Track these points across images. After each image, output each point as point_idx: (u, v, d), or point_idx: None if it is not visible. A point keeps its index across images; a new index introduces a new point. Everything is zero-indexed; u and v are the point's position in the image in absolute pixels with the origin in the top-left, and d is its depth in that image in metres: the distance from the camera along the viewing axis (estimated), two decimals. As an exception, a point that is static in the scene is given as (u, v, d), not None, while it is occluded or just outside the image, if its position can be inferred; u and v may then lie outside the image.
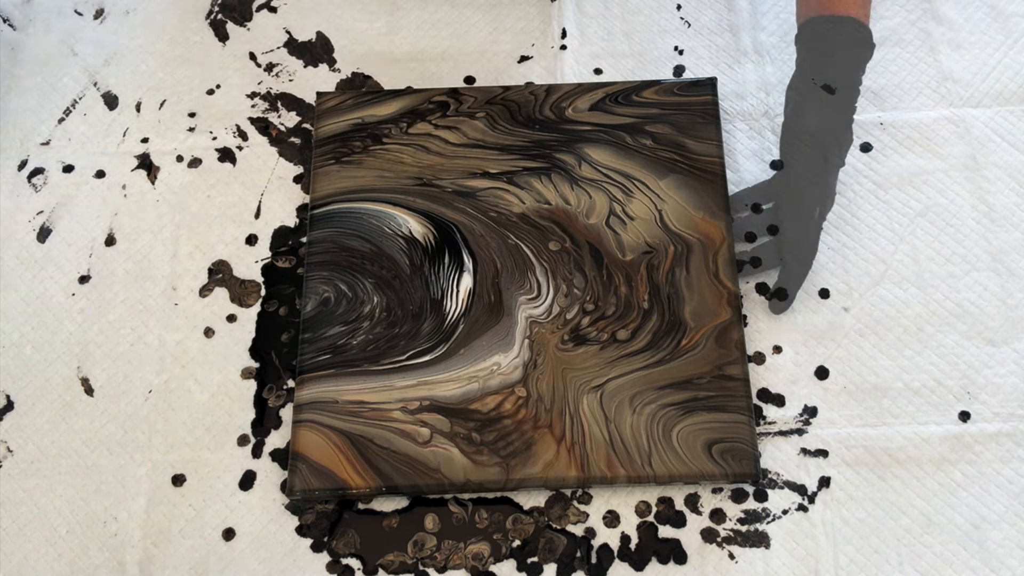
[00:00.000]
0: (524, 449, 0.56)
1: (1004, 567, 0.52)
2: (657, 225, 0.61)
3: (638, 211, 0.62)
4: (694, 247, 0.60)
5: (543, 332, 0.59)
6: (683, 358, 0.57)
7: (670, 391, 0.56)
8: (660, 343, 0.58)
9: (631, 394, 0.56)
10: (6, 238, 0.69)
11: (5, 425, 0.63)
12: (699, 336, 0.57)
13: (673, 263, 0.60)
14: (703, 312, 0.58)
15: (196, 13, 0.75)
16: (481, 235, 0.62)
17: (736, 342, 0.57)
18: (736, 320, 0.58)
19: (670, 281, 0.59)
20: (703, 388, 0.56)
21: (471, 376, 0.58)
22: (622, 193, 0.62)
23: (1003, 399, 0.55)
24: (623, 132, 0.64)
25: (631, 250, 0.61)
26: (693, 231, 0.60)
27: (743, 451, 0.54)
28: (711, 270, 0.59)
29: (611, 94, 0.66)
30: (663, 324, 0.58)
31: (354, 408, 0.58)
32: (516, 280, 0.61)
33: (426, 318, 0.60)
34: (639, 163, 0.63)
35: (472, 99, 0.67)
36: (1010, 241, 0.59)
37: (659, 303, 0.59)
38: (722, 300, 0.58)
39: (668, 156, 0.63)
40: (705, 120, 0.64)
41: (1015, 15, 0.66)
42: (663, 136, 0.64)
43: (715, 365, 0.57)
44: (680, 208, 0.61)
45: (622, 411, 0.56)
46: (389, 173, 0.65)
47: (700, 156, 0.63)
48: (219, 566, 0.57)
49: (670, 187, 0.62)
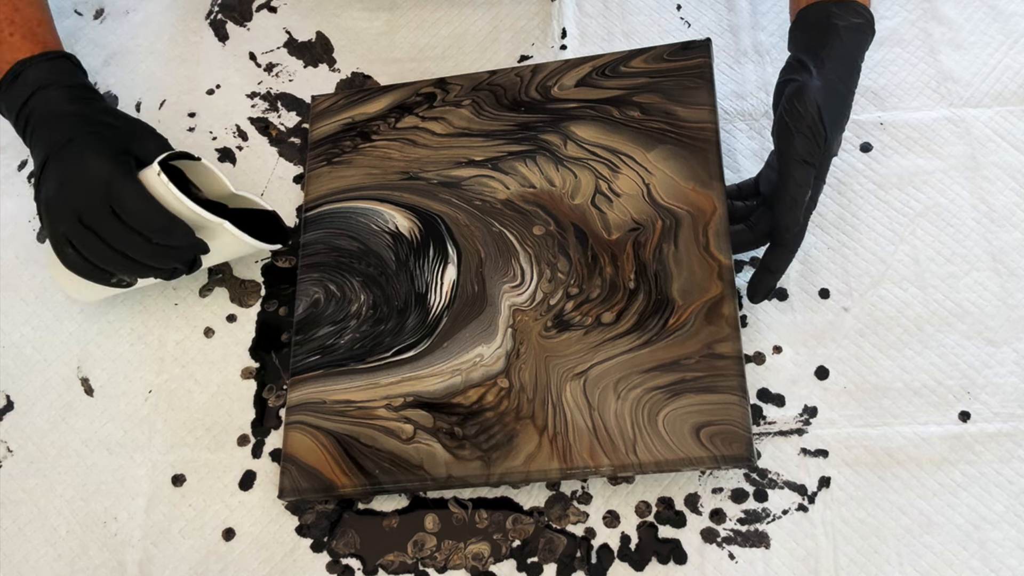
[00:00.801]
0: (506, 442, 0.55)
1: (1004, 567, 0.52)
2: (644, 200, 0.59)
3: (625, 187, 0.59)
4: (683, 220, 0.57)
5: (526, 320, 0.57)
6: (671, 338, 0.55)
7: (656, 374, 0.54)
8: (646, 324, 0.55)
9: (615, 379, 0.55)
10: (6, 238, 0.69)
11: (5, 425, 0.63)
12: (688, 314, 0.55)
13: (661, 239, 0.57)
14: (692, 288, 0.56)
15: (196, 13, 0.75)
16: (466, 225, 0.61)
17: (728, 318, 0.54)
18: (729, 294, 0.55)
19: (657, 258, 0.57)
20: (691, 369, 0.54)
21: (454, 369, 0.57)
22: (608, 170, 0.60)
23: (1003, 399, 0.55)
24: (610, 106, 0.62)
25: (617, 228, 0.58)
26: (683, 203, 0.58)
27: (734, 433, 0.52)
28: (701, 243, 0.56)
29: (598, 67, 0.64)
30: (649, 304, 0.56)
31: (341, 408, 0.58)
32: (500, 268, 0.59)
33: (410, 313, 0.59)
34: (626, 136, 0.61)
35: (458, 87, 0.66)
36: (1010, 241, 0.59)
37: (646, 282, 0.56)
38: (712, 274, 0.56)
39: (657, 126, 0.60)
40: (697, 84, 0.61)
41: (1015, 15, 0.65)
42: (652, 106, 0.61)
43: (705, 343, 0.54)
44: (669, 180, 0.59)
45: (606, 398, 0.54)
46: (377, 170, 0.64)
47: (691, 123, 0.60)
48: (219, 566, 0.57)
49: (658, 159, 0.59)
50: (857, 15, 0.55)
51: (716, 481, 0.56)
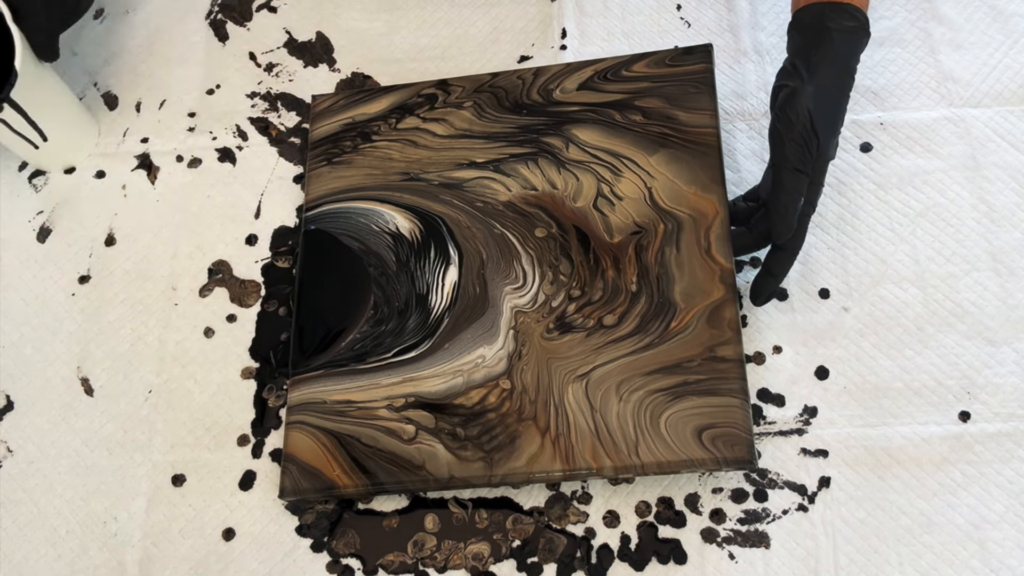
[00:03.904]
0: (508, 443, 0.55)
1: (1004, 567, 0.52)
2: (647, 203, 0.59)
3: (627, 190, 0.60)
4: (685, 224, 0.58)
5: (528, 322, 0.57)
6: (672, 341, 0.55)
7: (658, 376, 0.54)
8: (648, 327, 0.56)
9: (618, 381, 0.55)
10: (6, 238, 0.69)
11: (5, 425, 0.63)
12: (690, 317, 0.55)
13: (663, 242, 0.58)
14: (694, 291, 0.56)
15: (196, 13, 0.75)
16: (467, 226, 0.61)
17: (729, 321, 0.55)
18: (730, 298, 0.55)
19: (659, 261, 0.57)
20: (693, 371, 0.54)
21: (456, 370, 0.57)
22: (610, 173, 0.60)
23: (1003, 399, 0.55)
24: (612, 109, 0.62)
25: (619, 232, 0.59)
26: (684, 207, 0.58)
27: (735, 436, 0.52)
28: (703, 247, 0.57)
29: (600, 71, 0.64)
30: (651, 307, 0.56)
31: (341, 408, 0.58)
32: (501, 270, 0.59)
33: (411, 314, 0.59)
34: (628, 140, 0.61)
35: (460, 89, 0.66)
36: (1010, 241, 0.59)
37: (647, 285, 0.57)
38: (714, 277, 0.56)
39: (659, 130, 0.61)
40: (698, 89, 0.61)
41: (1015, 15, 0.65)
42: (654, 110, 0.62)
43: (706, 346, 0.54)
44: (671, 184, 0.59)
45: (608, 400, 0.54)
46: (377, 170, 0.64)
47: (692, 128, 0.60)
48: (219, 566, 0.57)
49: (660, 163, 0.60)
50: (851, 18, 0.55)
51: (716, 481, 0.56)
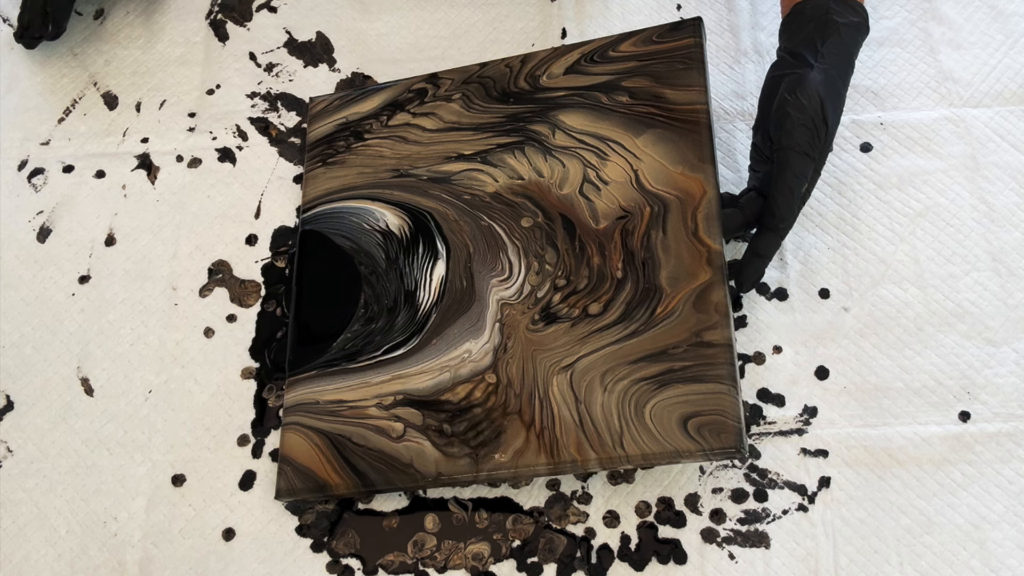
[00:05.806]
0: (493, 438, 0.54)
1: (1004, 567, 0.52)
2: (633, 187, 0.57)
3: (613, 175, 0.58)
4: (671, 206, 0.56)
5: (514, 314, 0.56)
6: (658, 327, 0.53)
7: (643, 364, 0.53)
8: (633, 314, 0.54)
9: (602, 371, 0.53)
10: (6, 238, 0.69)
11: (5, 425, 0.63)
12: (676, 302, 0.54)
13: (649, 226, 0.56)
14: (681, 275, 0.54)
15: (196, 13, 0.75)
16: (455, 220, 0.60)
17: (717, 304, 0.53)
18: (718, 280, 0.53)
19: (645, 245, 0.56)
20: (679, 358, 0.52)
21: (443, 366, 0.57)
22: (596, 157, 0.59)
23: (1003, 399, 0.55)
24: (598, 92, 0.61)
25: (605, 217, 0.57)
26: (671, 188, 0.57)
27: (722, 424, 0.50)
28: (690, 228, 0.55)
29: (587, 53, 0.62)
30: (637, 293, 0.55)
31: (333, 408, 0.58)
32: (488, 262, 0.58)
33: (400, 311, 0.59)
34: (615, 123, 0.60)
35: (449, 81, 0.65)
36: (1010, 241, 0.59)
37: (633, 271, 0.55)
38: (702, 260, 0.54)
39: (645, 110, 0.59)
40: (687, 65, 0.59)
41: (1015, 15, 0.65)
42: (641, 90, 0.60)
43: (693, 332, 0.53)
44: (657, 165, 0.57)
45: (592, 390, 0.53)
46: (369, 169, 0.64)
47: (681, 106, 0.58)
48: (219, 566, 0.57)
49: (647, 143, 0.58)
50: (855, 13, 0.55)
51: (716, 481, 0.56)
